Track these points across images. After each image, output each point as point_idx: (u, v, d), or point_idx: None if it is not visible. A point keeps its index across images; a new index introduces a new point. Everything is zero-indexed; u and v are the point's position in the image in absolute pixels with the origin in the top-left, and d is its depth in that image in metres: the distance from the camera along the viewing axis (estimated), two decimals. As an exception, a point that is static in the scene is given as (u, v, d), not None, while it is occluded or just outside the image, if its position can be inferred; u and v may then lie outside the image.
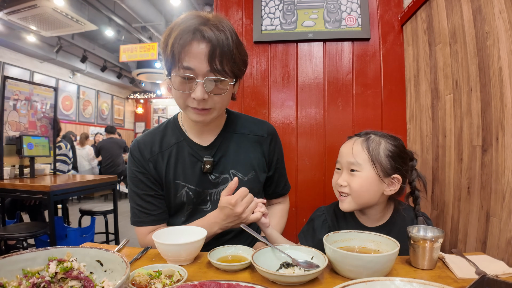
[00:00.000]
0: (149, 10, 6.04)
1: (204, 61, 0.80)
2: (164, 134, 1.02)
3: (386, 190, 0.91)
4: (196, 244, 0.77)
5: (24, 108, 2.93)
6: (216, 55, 0.80)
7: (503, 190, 0.87)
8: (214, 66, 0.81)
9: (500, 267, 0.72)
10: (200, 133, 1.01)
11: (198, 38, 0.80)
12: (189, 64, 0.81)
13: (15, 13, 5.31)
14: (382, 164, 0.90)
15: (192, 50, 0.80)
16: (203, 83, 0.82)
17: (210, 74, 0.82)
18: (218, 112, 0.91)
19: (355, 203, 0.92)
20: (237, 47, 0.85)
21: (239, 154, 1.03)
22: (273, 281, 0.67)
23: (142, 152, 0.99)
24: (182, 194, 0.99)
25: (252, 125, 1.08)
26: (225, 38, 0.81)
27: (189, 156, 0.99)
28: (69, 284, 0.55)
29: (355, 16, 1.60)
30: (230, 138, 1.04)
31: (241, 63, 0.89)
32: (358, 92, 1.60)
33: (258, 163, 1.05)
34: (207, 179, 1.00)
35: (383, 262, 0.67)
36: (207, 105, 0.86)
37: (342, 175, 0.94)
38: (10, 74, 6.64)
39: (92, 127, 9.67)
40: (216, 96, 0.86)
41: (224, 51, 0.81)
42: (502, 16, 0.87)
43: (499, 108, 0.89)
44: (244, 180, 1.02)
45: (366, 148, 0.91)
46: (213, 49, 0.80)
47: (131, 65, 9.47)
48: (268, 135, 1.08)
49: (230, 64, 0.84)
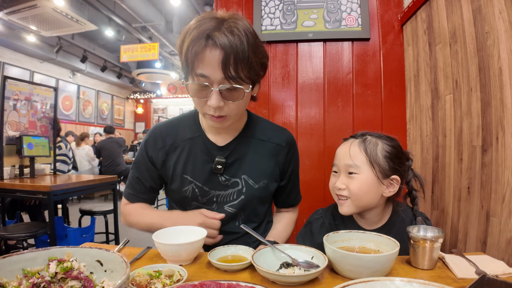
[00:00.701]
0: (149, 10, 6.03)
1: (218, 69, 0.77)
2: (182, 126, 1.02)
3: (385, 192, 0.90)
4: (196, 244, 0.77)
5: (24, 108, 2.93)
6: (230, 63, 0.77)
7: (503, 190, 0.87)
8: (228, 73, 0.77)
9: (500, 267, 0.72)
10: (217, 133, 0.99)
11: (211, 45, 0.76)
12: (203, 72, 0.78)
13: (15, 13, 5.31)
14: (381, 166, 0.89)
15: (205, 57, 0.77)
16: (218, 91, 0.80)
17: (225, 82, 0.79)
18: (234, 118, 0.90)
19: (355, 206, 0.91)
20: (254, 51, 0.81)
21: (254, 160, 1.00)
22: (273, 281, 0.67)
23: (156, 139, 1.00)
24: (188, 190, 0.98)
25: (271, 132, 1.04)
26: (239, 43, 0.77)
27: (202, 154, 0.98)
28: (69, 284, 0.55)
29: (355, 16, 1.60)
30: (248, 142, 1.01)
31: (259, 67, 0.84)
32: (358, 92, 1.60)
33: (271, 172, 1.02)
34: (217, 179, 0.98)
35: (383, 262, 0.67)
36: (223, 112, 0.84)
37: (340, 178, 0.93)
38: (10, 74, 6.64)
39: (92, 127, 9.67)
40: (232, 103, 0.83)
41: (239, 57, 0.77)
42: (502, 16, 0.87)
43: (499, 108, 0.89)
44: (255, 187, 0.99)
45: (364, 150, 0.90)
46: (227, 56, 0.76)
47: (131, 65, 9.48)
48: (286, 144, 1.04)
49: (246, 70, 0.80)
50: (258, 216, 1.05)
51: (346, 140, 0.99)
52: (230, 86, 0.80)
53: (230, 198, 0.99)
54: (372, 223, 0.96)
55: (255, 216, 1.04)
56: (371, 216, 0.95)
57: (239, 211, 1.00)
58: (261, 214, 1.06)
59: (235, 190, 0.99)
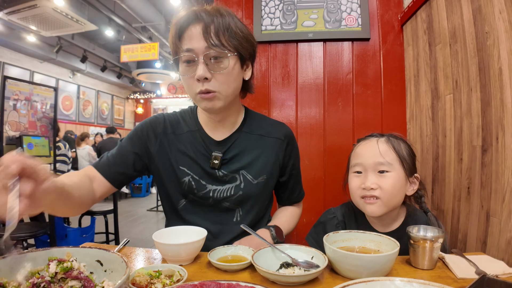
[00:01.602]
0: (149, 10, 6.04)
1: (200, 39, 0.82)
2: (182, 118, 1.03)
3: (409, 190, 0.90)
4: (196, 244, 0.77)
5: (24, 108, 2.92)
6: (211, 30, 0.82)
7: (503, 190, 0.87)
8: (210, 41, 0.82)
9: (500, 267, 0.72)
10: (214, 128, 0.99)
11: (194, 21, 0.83)
12: (188, 46, 0.83)
13: (15, 13, 5.31)
14: (408, 163, 0.88)
15: (189, 33, 0.83)
16: (203, 60, 0.83)
17: (208, 50, 0.83)
18: (225, 97, 0.88)
19: (386, 206, 0.87)
20: (236, 23, 0.86)
21: (253, 155, 0.99)
22: (273, 281, 0.67)
23: (157, 125, 1.00)
24: (185, 182, 0.97)
25: (270, 127, 1.04)
26: (220, 15, 0.84)
27: (199, 148, 0.98)
28: (69, 284, 0.55)
29: (355, 16, 1.60)
30: (246, 138, 1.01)
31: (241, 36, 0.87)
32: (358, 92, 1.60)
33: (271, 168, 1.01)
34: (214, 174, 0.97)
35: (383, 262, 0.67)
36: (211, 86, 0.84)
37: (369, 178, 0.88)
38: (10, 74, 6.63)
39: (92, 127, 9.67)
40: (220, 75, 0.84)
41: (219, 25, 0.83)
42: (502, 16, 0.87)
43: (499, 108, 0.89)
44: (253, 183, 0.98)
45: (392, 147, 0.89)
46: (207, 26, 0.82)
47: (131, 65, 9.47)
48: (285, 138, 1.04)
49: (227, 36, 0.84)
50: (257, 213, 1.03)
51: (363, 139, 0.96)
52: (214, 53, 0.83)
53: (227, 194, 0.97)
54: (387, 224, 0.93)
55: (254, 213, 1.02)
56: (389, 217, 0.92)
57: (237, 207, 1.00)
58: (260, 212, 1.04)
59: (232, 185, 0.98)
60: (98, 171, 0.93)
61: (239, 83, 0.92)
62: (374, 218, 0.94)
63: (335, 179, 1.55)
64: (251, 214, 1.01)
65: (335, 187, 1.50)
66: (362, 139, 0.98)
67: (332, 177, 1.56)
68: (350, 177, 0.95)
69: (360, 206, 0.92)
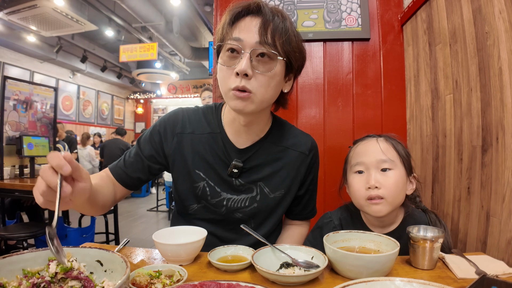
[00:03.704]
0: (149, 10, 6.03)
1: (255, 33, 0.76)
2: (204, 117, 0.96)
3: (408, 190, 0.90)
4: (196, 244, 0.77)
5: (24, 108, 2.92)
6: (269, 28, 0.77)
7: (503, 190, 0.87)
8: (264, 38, 0.76)
9: (500, 267, 0.72)
10: (237, 133, 0.92)
11: (254, 13, 0.78)
12: (238, 36, 0.77)
13: (15, 13, 5.31)
14: (407, 162, 0.89)
15: (245, 23, 0.78)
16: (249, 55, 0.76)
17: (258, 47, 0.77)
18: (259, 101, 0.80)
19: (390, 205, 0.86)
20: (293, 31, 0.81)
21: (274, 168, 0.94)
22: (273, 281, 0.67)
23: (176, 123, 0.94)
24: (199, 187, 0.92)
25: (295, 139, 0.98)
26: (281, 17, 0.79)
27: (219, 153, 0.92)
28: (69, 284, 0.55)
29: (355, 16, 1.60)
30: (269, 148, 0.94)
31: (295, 45, 0.81)
32: (358, 92, 1.60)
33: (291, 182, 0.96)
34: (231, 182, 0.92)
35: (383, 262, 0.67)
36: (249, 85, 0.77)
37: (372, 176, 0.87)
38: (10, 74, 6.64)
39: (92, 127, 9.68)
40: (261, 76, 0.78)
41: (278, 26, 0.78)
42: (502, 16, 0.87)
43: (499, 108, 0.89)
44: (270, 196, 0.94)
45: (392, 146, 0.89)
46: (266, 22, 0.77)
47: (131, 65, 9.47)
48: (309, 152, 0.99)
49: (282, 40, 0.78)
50: (269, 228, 0.99)
51: (360, 140, 0.96)
52: (263, 51, 0.77)
53: (242, 204, 0.94)
54: (386, 226, 0.93)
55: (267, 227, 0.98)
56: (389, 218, 0.91)
57: (249, 219, 0.96)
58: (273, 226, 1.00)
59: (248, 196, 0.94)
60: (113, 175, 0.93)
61: (277, 91, 0.85)
62: (374, 219, 0.93)
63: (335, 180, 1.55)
64: (263, 228, 0.98)
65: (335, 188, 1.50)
66: (359, 140, 0.98)
67: (332, 178, 1.56)
68: (352, 177, 0.93)
69: (364, 207, 0.90)
